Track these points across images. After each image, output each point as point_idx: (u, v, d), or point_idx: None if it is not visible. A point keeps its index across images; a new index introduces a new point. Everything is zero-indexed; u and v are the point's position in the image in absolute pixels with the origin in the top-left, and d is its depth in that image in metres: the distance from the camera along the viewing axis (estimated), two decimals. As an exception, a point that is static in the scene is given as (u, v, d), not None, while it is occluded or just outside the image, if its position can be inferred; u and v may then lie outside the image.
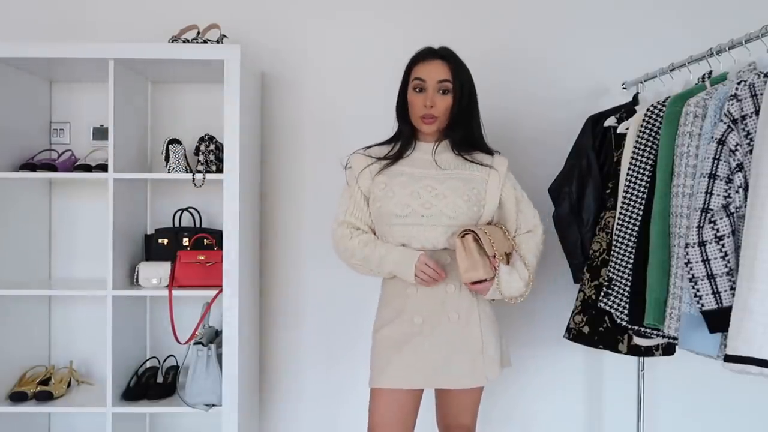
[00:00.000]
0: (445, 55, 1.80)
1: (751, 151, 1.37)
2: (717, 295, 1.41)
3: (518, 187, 1.89)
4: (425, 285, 1.75)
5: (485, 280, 1.72)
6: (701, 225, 1.42)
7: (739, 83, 1.43)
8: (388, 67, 2.06)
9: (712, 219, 1.41)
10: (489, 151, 1.86)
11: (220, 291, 2.12)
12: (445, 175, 1.78)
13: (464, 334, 1.76)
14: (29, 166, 2.19)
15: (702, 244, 1.42)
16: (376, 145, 1.90)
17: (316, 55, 2.49)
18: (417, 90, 1.79)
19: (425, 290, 1.76)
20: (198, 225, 2.40)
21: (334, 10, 2.49)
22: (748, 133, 1.39)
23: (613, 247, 1.83)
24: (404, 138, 1.85)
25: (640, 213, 1.74)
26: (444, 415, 1.94)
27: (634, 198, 1.76)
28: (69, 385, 2.33)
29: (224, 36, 2.25)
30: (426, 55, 1.81)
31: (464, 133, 1.82)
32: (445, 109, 1.78)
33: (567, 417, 2.52)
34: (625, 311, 1.76)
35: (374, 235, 1.86)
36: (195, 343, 2.14)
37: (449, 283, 1.77)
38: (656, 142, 1.71)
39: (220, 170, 2.20)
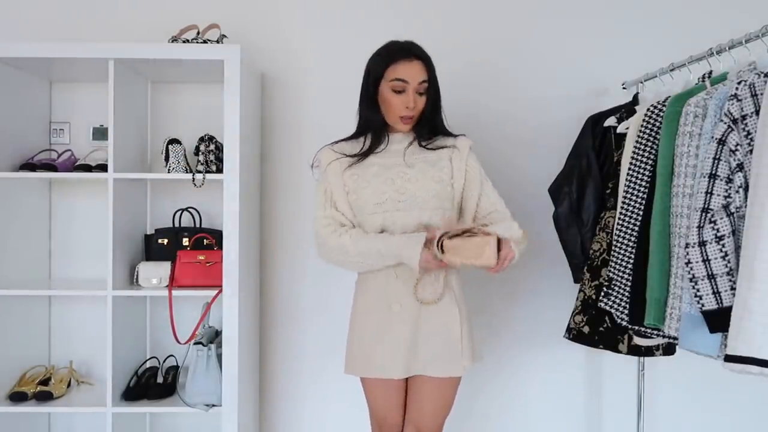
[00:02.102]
0: (421, 55, 1.80)
1: (751, 151, 1.37)
2: (717, 295, 1.41)
3: (482, 170, 1.87)
4: (425, 271, 1.71)
5: (498, 259, 1.61)
6: (701, 225, 1.42)
7: (739, 83, 1.43)
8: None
9: (713, 219, 1.41)
10: (451, 134, 1.88)
11: (220, 291, 2.12)
12: (412, 160, 1.81)
13: (442, 320, 1.77)
14: (29, 166, 2.19)
15: (702, 244, 1.42)
16: (342, 140, 1.89)
17: (316, 56, 2.49)
18: (397, 91, 1.77)
19: (403, 278, 1.77)
20: (198, 225, 2.40)
21: (334, 10, 2.49)
22: (749, 133, 1.39)
23: (613, 247, 1.83)
24: (375, 134, 1.84)
25: (641, 213, 1.74)
26: (408, 415, 1.85)
27: (634, 198, 1.76)
28: (69, 385, 2.32)
29: (224, 36, 2.25)
30: (405, 54, 1.79)
31: (430, 127, 1.85)
32: (421, 108, 1.81)
33: (567, 416, 2.52)
34: (626, 311, 1.76)
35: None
36: (195, 343, 2.14)
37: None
38: (656, 142, 1.70)
39: (220, 170, 2.20)
